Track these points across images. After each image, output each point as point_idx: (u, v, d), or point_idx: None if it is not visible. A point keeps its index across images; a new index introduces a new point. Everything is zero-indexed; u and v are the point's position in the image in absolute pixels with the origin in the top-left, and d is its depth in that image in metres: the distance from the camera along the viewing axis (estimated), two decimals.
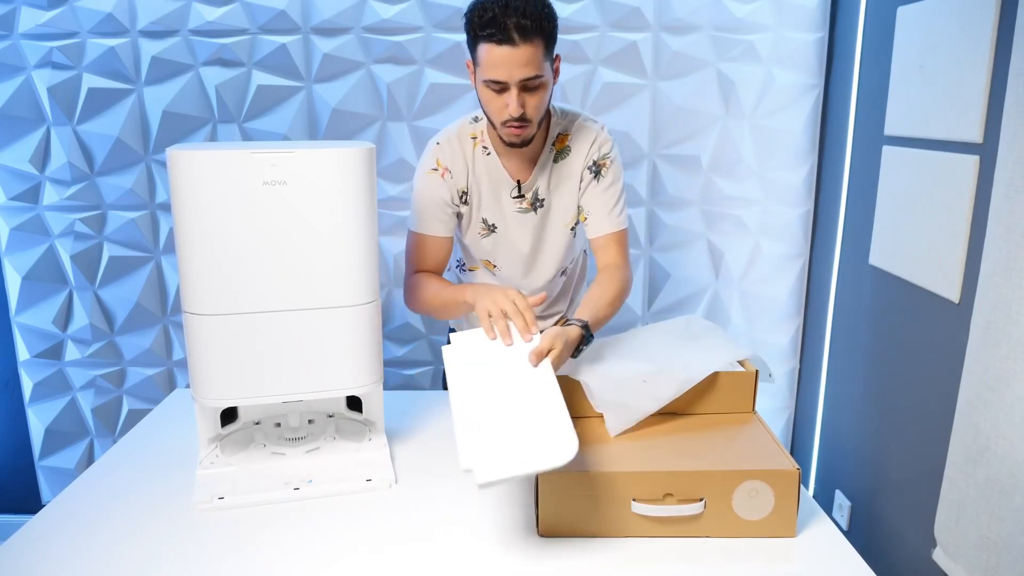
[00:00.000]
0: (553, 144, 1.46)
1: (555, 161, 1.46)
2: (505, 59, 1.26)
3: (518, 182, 1.46)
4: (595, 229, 1.48)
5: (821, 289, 2.02)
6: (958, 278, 1.35)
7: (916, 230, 1.51)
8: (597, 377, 1.28)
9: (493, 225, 1.50)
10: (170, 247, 2.09)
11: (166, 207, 2.07)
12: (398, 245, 2.11)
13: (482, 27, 1.26)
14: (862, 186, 1.79)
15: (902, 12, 1.57)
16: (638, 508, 1.09)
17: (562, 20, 1.92)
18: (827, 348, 2.00)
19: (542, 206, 1.49)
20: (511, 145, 1.37)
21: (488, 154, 1.46)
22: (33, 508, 2.21)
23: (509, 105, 1.30)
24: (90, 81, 1.98)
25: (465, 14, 1.30)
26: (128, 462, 1.36)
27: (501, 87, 1.29)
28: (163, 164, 2.03)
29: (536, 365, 1.17)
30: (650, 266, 2.12)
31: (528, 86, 1.29)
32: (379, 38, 1.95)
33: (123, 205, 2.07)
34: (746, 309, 2.12)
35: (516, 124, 1.32)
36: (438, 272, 1.53)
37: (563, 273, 1.62)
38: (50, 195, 2.06)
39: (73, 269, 2.10)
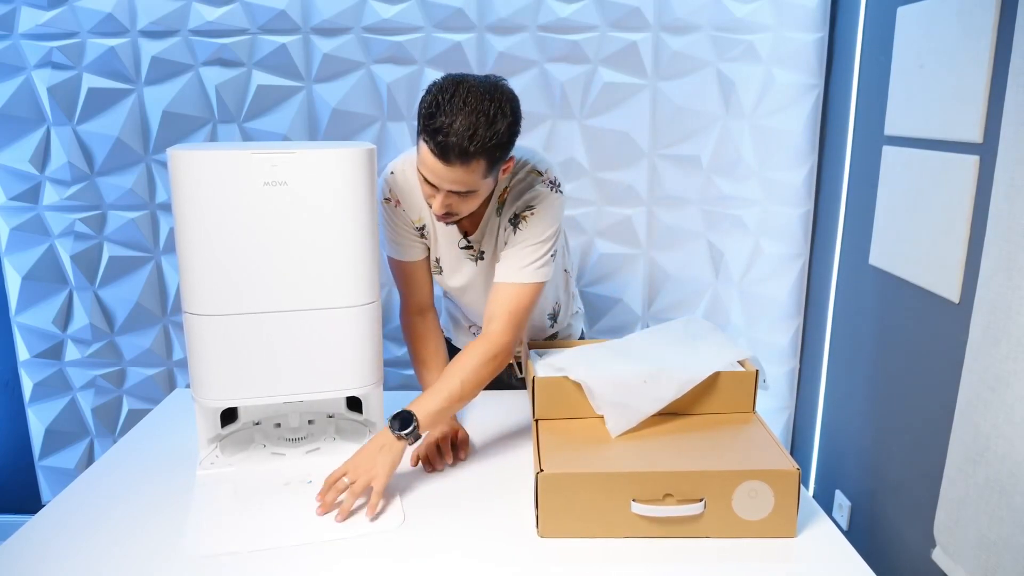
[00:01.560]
0: (498, 198, 1.38)
1: (497, 214, 1.39)
2: (436, 168, 1.19)
3: (465, 233, 1.42)
4: (500, 272, 1.37)
5: (821, 289, 2.02)
6: (958, 278, 1.35)
7: (916, 230, 1.51)
8: (597, 378, 1.28)
9: (440, 267, 1.48)
10: (170, 247, 2.09)
11: (166, 207, 2.07)
12: None
13: (425, 127, 1.18)
14: (862, 186, 1.79)
15: (902, 12, 1.57)
16: (638, 508, 1.09)
17: (562, 20, 1.93)
18: (827, 348, 2.00)
19: (483, 258, 1.44)
20: None
21: None
22: (33, 508, 2.21)
23: (433, 201, 1.25)
24: (90, 81, 1.98)
25: (423, 95, 1.21)
26: (128, 462, 1.36)
27: (431, 186, 1.23)
28: (163, 164, 2.03)
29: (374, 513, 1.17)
30: (650, 266, 2.12)
31: (458, 192, 1.23)
32: (379, 38, 1.95)
33: (123, 205, 2.07)
34: (746, 309, 2.12)
35: (441, 215, 1.28)
36: (427, 293, 1.50)
37: (551, 317, 1.60)
38: (50, 195, 2.06)
39: (73, 269, 2.10)
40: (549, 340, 1.64)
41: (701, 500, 1.09)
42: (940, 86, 1.42)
